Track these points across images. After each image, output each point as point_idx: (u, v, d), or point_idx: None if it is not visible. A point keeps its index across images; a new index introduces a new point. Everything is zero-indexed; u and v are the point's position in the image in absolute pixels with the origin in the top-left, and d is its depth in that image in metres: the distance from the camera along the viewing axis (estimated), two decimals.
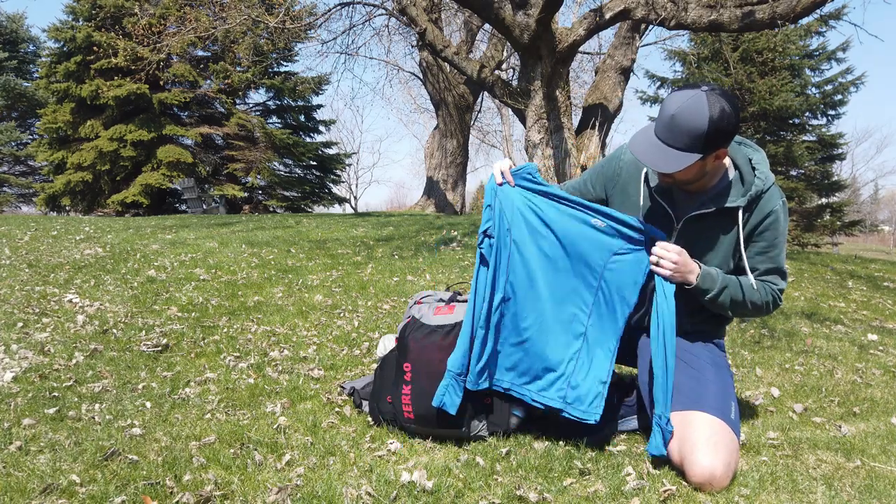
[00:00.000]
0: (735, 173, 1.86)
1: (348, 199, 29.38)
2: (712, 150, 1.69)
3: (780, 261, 1.87)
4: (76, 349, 2.70)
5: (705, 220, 1.85)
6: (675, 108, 1.66)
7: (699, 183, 1.84)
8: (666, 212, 1.89)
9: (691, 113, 1.64)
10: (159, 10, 14.10)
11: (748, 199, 1.79)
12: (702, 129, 1.63)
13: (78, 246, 5.42)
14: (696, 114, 1.63)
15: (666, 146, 1.68)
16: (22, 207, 22.89)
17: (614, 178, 1.99)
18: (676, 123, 1.66)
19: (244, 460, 1.77)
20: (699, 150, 1.67)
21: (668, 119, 1.67)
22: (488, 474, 1.72)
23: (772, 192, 1.82)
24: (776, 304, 1.90)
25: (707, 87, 1.67)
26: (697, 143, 1.65)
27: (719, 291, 1.82)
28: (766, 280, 1.88)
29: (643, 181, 1.93)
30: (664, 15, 7.17)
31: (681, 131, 1.65)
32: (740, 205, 1.80)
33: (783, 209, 1.83)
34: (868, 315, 4.03)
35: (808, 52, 16.37)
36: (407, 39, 13.85)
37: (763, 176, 1.81)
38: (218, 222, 8.10)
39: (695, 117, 1.63)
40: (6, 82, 19.37)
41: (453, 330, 1.96)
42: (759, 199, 1.81)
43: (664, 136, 1.69)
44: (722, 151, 1.74)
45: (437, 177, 14.04)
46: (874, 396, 2.50)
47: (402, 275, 4.52)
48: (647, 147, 1.72)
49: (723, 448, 1.67)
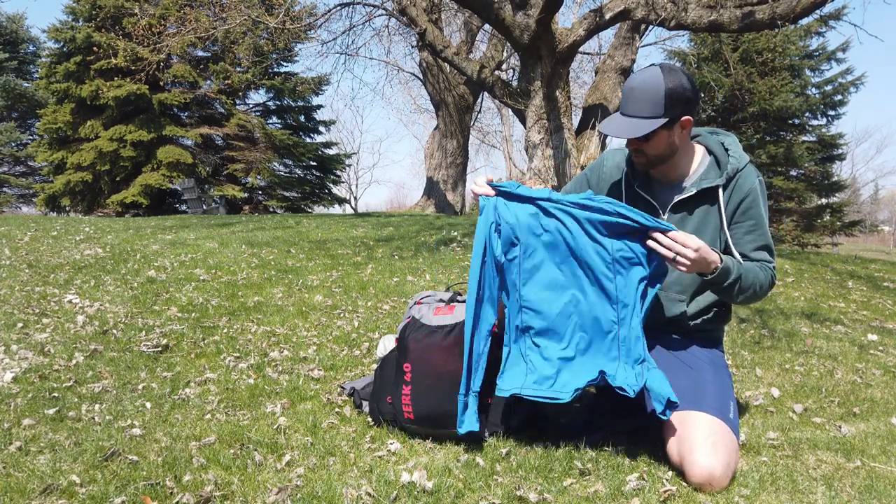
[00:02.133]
0: (710, 158, 1.95)
1: (348, 200, 29.40)
2: (674, 114, 1.80)
3: (768, 237, 1.92)
4: (76, 350, 2.70)
5: (688, 205, 1.92)
6: (634, 82, 1.82)
7: (674, 165, 1.91)
8: (650, 204, 1.95)
9: (647, 81, 1.79)
10: (159, 11, 14.11)
11: (725, 177, 1.88)
12: (659, 92, 1.77)
13: (78, 246, 5.42)
14: (653, 81, 1.79)
15: (630, 118, 1.82)
16: (22, 208, 22.91)
17: (599, 184, 2.07)
18: (635, 94, 1.81)
19: (244, 461, 1.77)
20: (662, 115, 1.78)
21: (629, 93, 1.82)
22: (488, 474, 1.72)
23: (748, 169, 1.90)
24: (773, 282, 1.91)
25: (661, 63, 1.84)
26: (658, 107, 1.78)
27: (737, 275, 1.82)
28: (760, 259, 1.90)
29: (624, 180, 2.00)
30: (664, 15, 7.17)
31: (641, 99, 1.79)
32: (719, 183, 1.88)
33: (761, 186, 1.91)
34: (868, 315, 4.03)
35: (808, 52, 16.38)
36: (407, 40, 13.86)
37: (737, 155, 1.90)
38: (218, 223, 8.10)
39: (651, 84, 1.79)
40: (6, 83, 19.38)
41: (453, 330, 1.95)
42: (736, 178, 1.89)
43: (628, 110, 1.83)
44: (686, 120, 1.84)
45: (437, 177, 14.04)
46: (874, 397, 2.50)
47: (402, 275, 4.52)
48: (615, 123, 1.86)
49: (722, 448, 1.68)
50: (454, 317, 1.99)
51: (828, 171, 17.02)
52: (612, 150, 2.11)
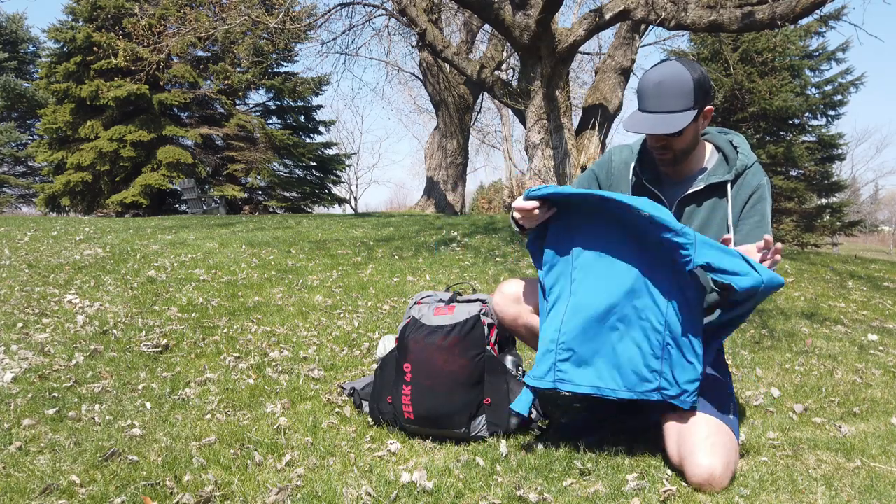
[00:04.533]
0: (719, 155, 1.96)
1: (348, 200, 29.39)
2: (701, 104, 1.80)
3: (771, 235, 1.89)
4: (76, 350, 2.70)
5: (697, 200, 1.92)
6: (659, 77, 1.79)
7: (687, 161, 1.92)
8: (659, 198, 1.94)
9: (674, 75, 1.78)
10: (159, 11, 14.10)
11: (734, 173, 1.89)
12: (688, 84, 1.77)
13: (78, 246, 5.42)
14: (679, 73, 1.78)
15: (660, 114, 1.79)
16: (22, 208, 22.91)
17: (607, 180, 2.06)
18: (664, 89, 1.78)
19: (244, 461, 1.77)
20: (692, 106, 1.78)
21: (655, 88, 1.79)
22: (488, 474, 1.72)
23: (756, 168, 1.91)
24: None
25: (673, 58, 1.84)
26: (689, 98, 1.77)
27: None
28: None
29: (632, 175, 2.00)
30: (664, 15, 7.17)
31: (671, 93, 1.77)
32: (728, 178, 1.88)
33: (768, 185, 1.92)
34: (868, 315, 4.03)
35: (807, 52, 16.37)
36: (407, 40, 13.87)
37: (745, 152, 1.91)
38: (218, 223, 8.10)
39: (678, 77, 1.77)
40: (6, 83, 19.38)
41: (453, 330, 1.95)
42: (744, 174, 1.89)
43: (656, 105, 1.80)
44: (708, 110, 1.85)
45: (437, 177, 14.04)
46: (874, 396, 2.50)
47: (402, 275, 4.52)
48: (644, 121, 1.81)
49: (722, 448, 1.68)
50: (454, 317, 1.98)
51: (828, 171, 17.00)
52: (619, 147, 2.10)
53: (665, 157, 1.89)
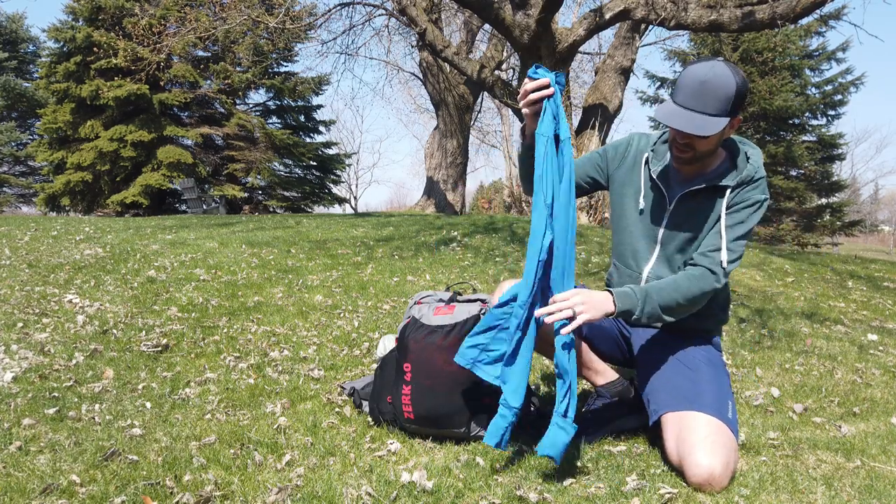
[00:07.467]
0: (730, 163, 1.94)
1: (348, 200, 29.39)
2: (735, 114, 1.78)
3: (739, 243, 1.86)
4: (76, 349, 2.70)
5: (696, 198, 1.90)
6: (704, 75, 1.74)
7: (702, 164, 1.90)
8: (662, 193, 1.95)
9: (720, 77, 1.73)
10: (159, 11, 14.11)
11: (738, 181, 1.87)
12: (731, 92, 1.73)
13: (78, 246, 5.42)
14: (726, 78, 1.73)
15: (696, 112, 1.75)
16: (22, 207, 22.92)
17: (622, 162, 2.05)
18: (709, 89, 1.73)
19: (244, 460, 1.77)
20: (727, 114, 1.75)
21: (699, 86, 1.74)
22: (488, 474, 1.72)
23: (761, 184, 1.88)
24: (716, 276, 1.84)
25: (721, 59, 1.79)
26: (727, 105, 1.74)
27: (643, 303, 1.80)
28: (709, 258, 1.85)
29: (644, 165, 1.99)
30: (664, 15, 7.17)
31: (713, 96, 1.73)
32: (729, 184, 1.87)
33: (765, 204, 1.89)
34: (868, 315, 4.03)
35: (807, 52, 16.38)
36: (407, 40, 13.87)
37: (756, 164, 1.88)
38: (218, 223, 8.10)
39: (725, 81, 1.73)
40: (6, 82, 19.40)
41: (453, 330, 1.95)
42: (748, 184, 1.87)
43: (694, 103, 1.75)
44: (737, 120, 1.82)
45: (437, 177, 14.04)
46: (874, 396, 2.50)
47: (402, 275, 4.52)
48: (677, 115, 1.78)
49: (721, 448, 1.67)
50: (454, 317, 1.99)
51: (828, 170, 17.02)
52: (640, 134, 2.09)
53: (685, 155, 1.87)
